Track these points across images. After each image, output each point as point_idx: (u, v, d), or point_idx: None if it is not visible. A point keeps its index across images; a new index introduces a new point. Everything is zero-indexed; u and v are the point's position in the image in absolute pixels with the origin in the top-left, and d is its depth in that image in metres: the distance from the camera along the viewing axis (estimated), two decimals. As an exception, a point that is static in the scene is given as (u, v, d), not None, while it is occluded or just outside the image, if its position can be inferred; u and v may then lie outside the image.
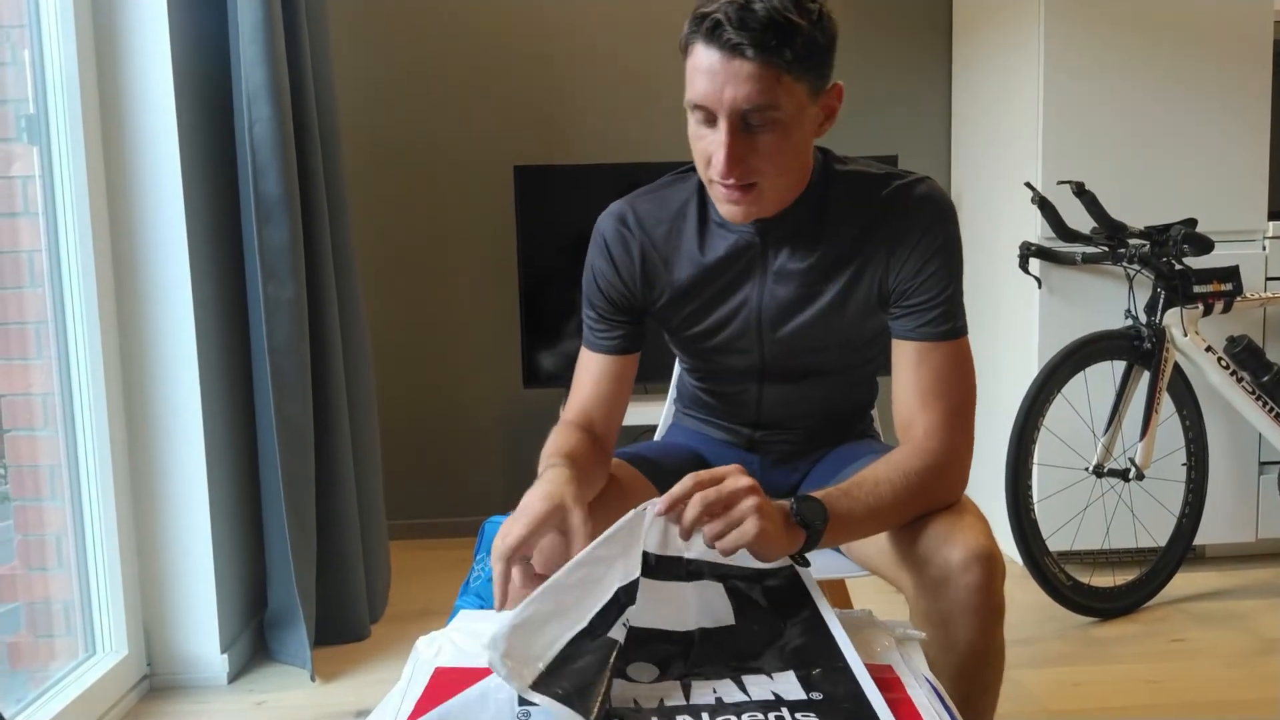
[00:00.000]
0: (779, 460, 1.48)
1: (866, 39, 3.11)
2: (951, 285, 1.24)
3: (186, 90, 2.06)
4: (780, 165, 1.16)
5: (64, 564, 2.05)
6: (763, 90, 1.10)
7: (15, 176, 1.96)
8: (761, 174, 1.16)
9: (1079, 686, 2.08)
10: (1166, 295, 2.39)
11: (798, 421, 1.45)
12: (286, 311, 2.12)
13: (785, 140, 1.15)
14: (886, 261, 1.25)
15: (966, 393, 1.25)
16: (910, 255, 1.23)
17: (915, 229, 1.22)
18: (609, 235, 1.33)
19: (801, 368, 1.37)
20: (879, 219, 1.24)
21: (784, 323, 1.31)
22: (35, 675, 2.01)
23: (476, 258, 3.09)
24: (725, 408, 1.47)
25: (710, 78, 1.11)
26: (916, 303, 1.24)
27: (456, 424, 3.17)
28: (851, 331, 1.31)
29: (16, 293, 1.97)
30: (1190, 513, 2.55)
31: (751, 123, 1.12)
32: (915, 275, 1.23)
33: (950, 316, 1.24)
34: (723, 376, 1.42)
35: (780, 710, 0.90)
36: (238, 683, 2.16)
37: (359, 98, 2.94)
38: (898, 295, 1.25)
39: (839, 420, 1.49)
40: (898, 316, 1.26)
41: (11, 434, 2.00)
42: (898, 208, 1.24)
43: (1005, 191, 2.76)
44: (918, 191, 1.24)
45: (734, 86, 1.09)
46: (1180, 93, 2.59)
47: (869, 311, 1.29)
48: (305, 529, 2.19)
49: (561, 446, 1.25)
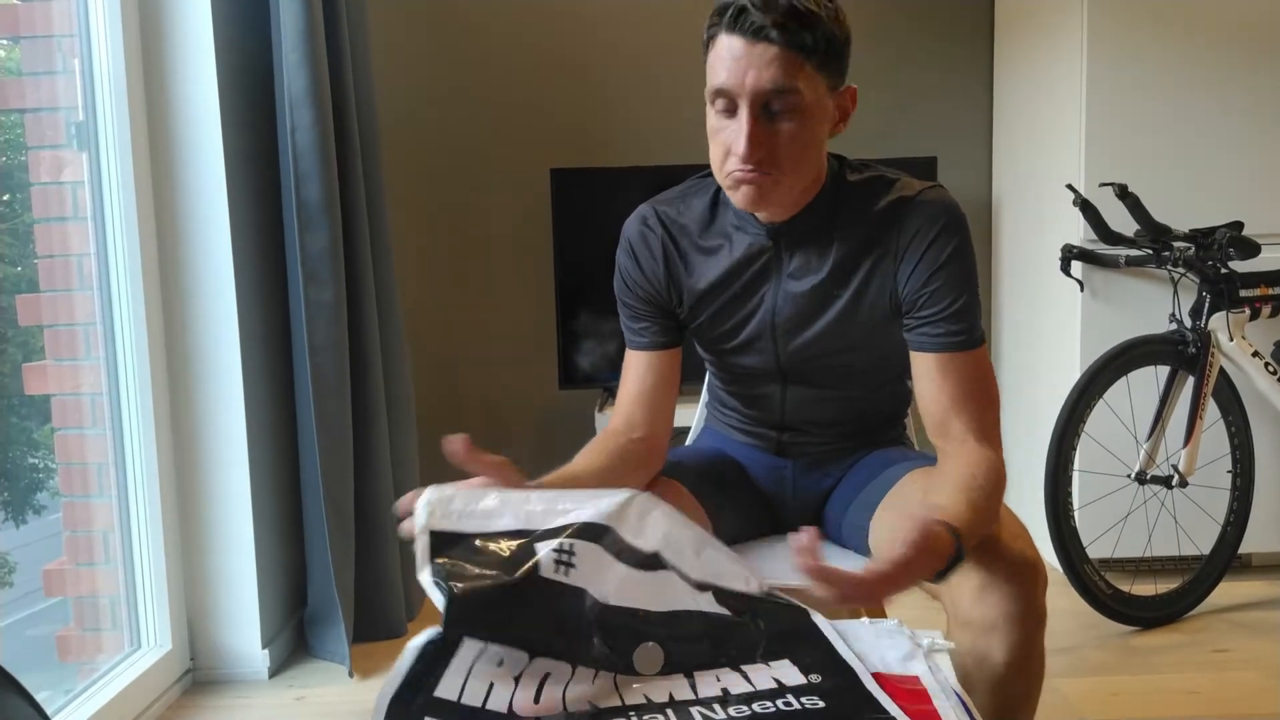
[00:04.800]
0: (810, 465, 1.47)
1: (907, 40, 3.08)
2: (965, 294, 1.23)
3: (230, 97, 2.10)
4: (797, 157, 1.17)
5: (111, 560, 2.10)
6: (785, 74, 1.11)
7: (66, 182, 2.01)
8: (779, 164, 1.16)
9: (1117, 696, 2.05)
10: (1212, 299, 2.34)
11: (825, 426, 1.44)
12: (327, 314, 2.15)
13: (803, 130, 1.15)
14: (895, 271, 1.24)
15: (995, 398, 1.26)
16: (918, 265, 1.22)
17: (922, 239, 1.22)
18: (633, 236, 1.36)
19: (820, 372, 1.36)
20: (886, 228, 1.24)
21: (798, 331, 1.31)
22: (83, 668, 2.06)
23: (513, 259, 3.11)
24: (751, 410, 1.47)
25: (734, 63, 1.12)
26: (931, 313, 1.23)
27: (492, 424, 3.19)
28: (866, 340, 1.31)
29: (66, 295, 2.02)
30: (1235, 521, 2.50)
31: (773, 108, 1.14)
32: (925, 285, 1.23)
33: (967, 326, 1.23)
34: (745, 379, 1.42)
35: (786, 696, 0.91)
36: (278, 678, 2.21)
37: (398, 103, 2.97)
38: (910, 305, 1.25)
39: (868, 427, 1.47)
40: (913, 328, 1.25)
41: (61, 432, 2.06)
42: (904, 217, 1.23)
43: (1047, 193, 2.72)
44: (924, 199, 1.23)
45: (757, 70, 1.11)
46: (1226, 92, 2.54)
47: (882, 321, 1.28)
48: (344, 527, 2.23)
49: (565, 470, 1.23)
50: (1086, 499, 2.46)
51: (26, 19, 2.00)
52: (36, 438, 2.19)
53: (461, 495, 1.03)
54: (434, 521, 0.99)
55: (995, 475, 1.17)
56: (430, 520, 0.99)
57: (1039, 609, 1.16)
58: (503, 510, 1.01)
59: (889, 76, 3.06)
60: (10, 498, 2.17)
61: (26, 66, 2.01)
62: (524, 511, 1.01)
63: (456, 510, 1.01)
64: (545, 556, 0.95)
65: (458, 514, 1.00)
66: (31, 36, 1.99)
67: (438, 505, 1.01)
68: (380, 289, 2.40)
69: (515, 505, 1.02)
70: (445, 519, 0.99)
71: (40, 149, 2.00)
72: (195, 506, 2.15)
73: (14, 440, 2.17)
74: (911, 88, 3.09)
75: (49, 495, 2.20)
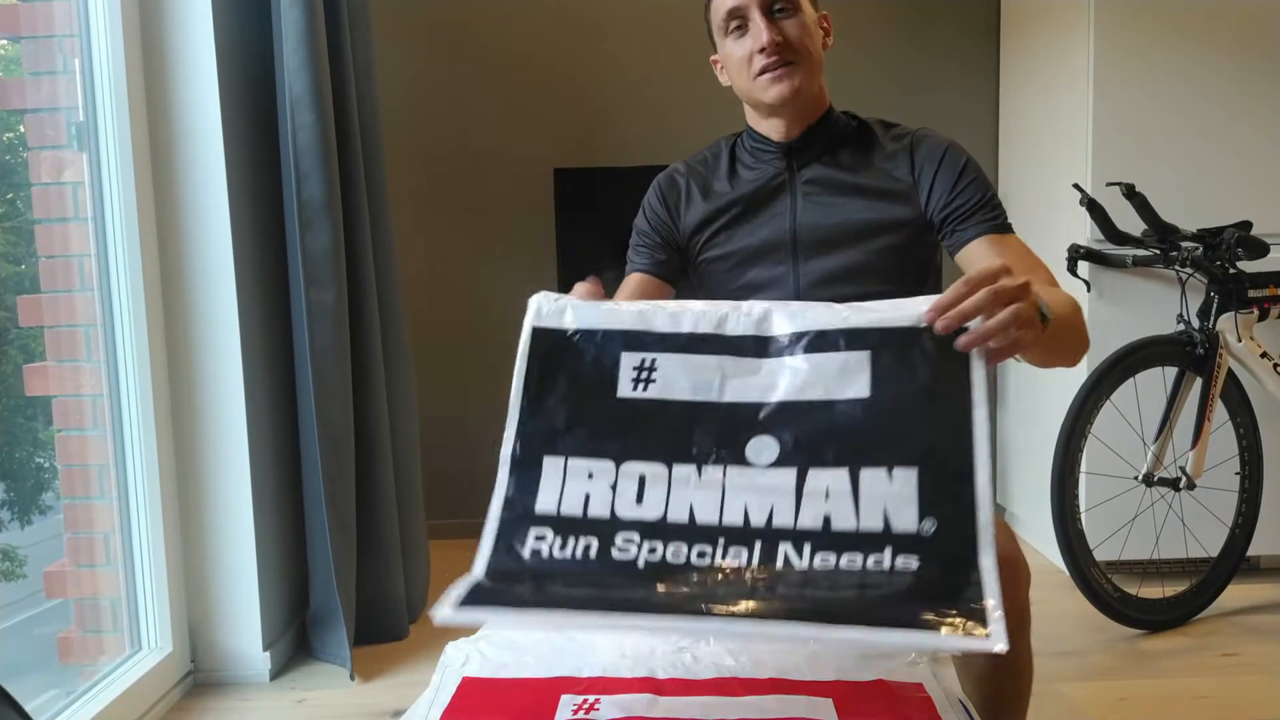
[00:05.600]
0: None
1: (912, 38, 3.06)
2: (990, 188, 1.38)
3: (231, 97, 2.09)
4: (807, 45, 1.36)
5: (112, 561, 2.09)
6: None
7: (66, 183, 2.00)
8: (796, 50, 1.34)
9: (1125, 701, 2.03)
10: (1220, 299, 2.32)
11: None
12: (328, 315, 2.14)
13: (804, 24, 1.35)
14: (918, 197, 1.37)
15: (1047, 270, 1.31)
16: (939, 174, 1.36)
17: (935, 155, 1.37)
18: (662, 180, 1.51)
19: (833, 296, 1.36)
20: (900, 155, 1.39)
21: (816, 234, 1.39)
22: (84, 670, 2.06)
23: (516, 259, 3.10)
24: None
25: None
26: (967, 207, 1.35)
27: (496, 425, 3.17)
28: (877, 246, 1.37)
29: (67, 296, 2.02)
30: (1244, 523, 2.47)
31: (776, 8, 1.34)
32: (954, 188, 1.35)
33: (1002, 213, 1.36)
34: None
35: (882, 552, 0.86)
36: (279, 680, 2.20)
37: (400, 103, 2.97)
38: (946, 212, 1.35)
39: None
40: (954, 228, 1.35)
41: (62, 434, 2.05)
42: (915, 144, 1.39)
43: (1054, 193, 2.70)
44: (922, 134, 1.41)
45: None
46: (1234, 92, 2.52)
47: (898, 238, 1.37)
48: (346, 529, 2.22)
49: None
50: (1093, 501, 2.44)
51: (28, 19, 1.99)
52: (42, 438, 2.19)
53: (568, 298, 1.08)
54: (538, 320, 1.06)
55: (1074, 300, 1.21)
56: (535, 319, 1.06)
57: (1022, 608, 1.17)
58: (610, 312, 1.05)
59: (893, 74, 3.04)
60: (16, 498, 2.17)
61: (27, 66, 2.00)
62: (631, 312, 1.05)
63: (561, 307, 1.06)
64: (623, 376, 1.00)
65: (561, 310, 1.06)
66: (33, 36, 1.98)
67: (544, 303, 1.07)
68: (382, 290, 2.39)
69: (621, 311, 1.05)
70: (549, 317, 1.05)
71: (41, 149, 1.99)
72: (196, 508, 2.14)
73: (19, 440, 2.17)
74: (917, 86, 3.07)
75: (55, 495, 2.20)
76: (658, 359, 1.01)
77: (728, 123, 1.53)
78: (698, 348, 1.01)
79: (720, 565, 0.88)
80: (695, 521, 0.92)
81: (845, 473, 0.91)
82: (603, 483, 0.96)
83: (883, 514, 0.89)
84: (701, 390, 0.99)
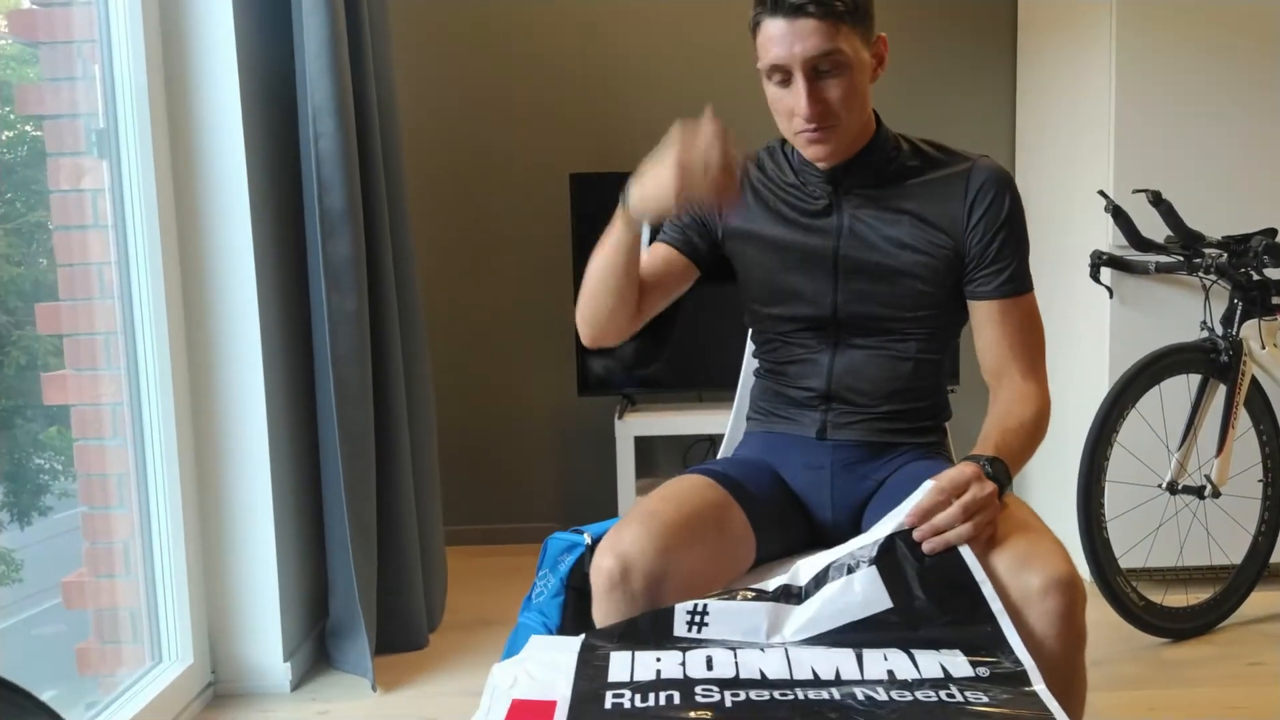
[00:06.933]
0: (850, 459, 1.46)
1: (926, 41, 3.05)
2: (1023, 247, 1.41)
3: (253, 105, 2.08)
4: (850, 105, 1.33)
5: (131, 572, 2.07)
6: (826, 39, 1.28)
7: (86, 190, 1.98)
8: (836, 115, 1.32)
9: (1154, 711, 2.02)
10: (1244, 307, 2.31)
11: (869, 396, 1.45)
12: (350, 322, 2.12)
13: (851, 82, 1.31)
14: (964, 225, 1.39)
15: (1043, 340, 1.44)
16: (984, 219, 1.38)
17: (985, 196, 1.38)
18: None
19: (871, 317, 1.43)
20: (951, 184, 1.39)
21: (858, 253, 1.40)
22: (103, 681, 2.04)
23: (533, 266, 3.09)
24: (798, 385, 1.48)
25: (781, 41, 1.28)
26: (996, 267, 1.39)
27: (512, 431, 3.17)
28: (918, 273, 1.40)
29: (87, 304, 2.00)
30: (1267, 530, 2.47)
31: (821, 69, 1.29)
32: (993, 239, 1.38)
33: (1023, 273, 1.41)
34: (795, 338, 1.47)
35: (950, 688, 0.95)
36: (300, 691, 2.18)
37: (419, 110, 2.95)
38: (976, 258, 1.39)
39: (909, 411, 1.47)
40: (977, 278, 1.40)
41: (81, 443, 2.03)
42: (970, 177, 1.39)
43: (1074, 199, 2.69)
44: (985, 164, 1.41)
45: (802, 42, 1.28)
46: (1260, 96, 2.51)
47: (938, 264, 1.39)
48: (367, 538, 2.20)
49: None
50: (1118, 509, 2.43)
51: (46, 24, 1.97)
52: (42, 439, 2.17)
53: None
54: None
55: (1036, 405, 1.37)
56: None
57: (1079, 627, 1.17)
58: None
59: (907, 79, 3.03)
60: (16, 500, 2.15)
61: (46, 72, 1.98)
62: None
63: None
64: (678, 619, 1.09)
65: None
66: (51, 42, 1.96)
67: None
68: (402, 297, 2.37)
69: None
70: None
71: (60, 155, 1.97)
72: (216, 518, 2.12)
73: (19, 443, 2.15)
74: (931, 88, 3.06)
75: (55, 498, 2.19)
76: (709, 604, 1.12)
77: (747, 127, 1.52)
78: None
79: (805, 699, 0.94)
80: (767, 678, 0.99)
81: (897, 650, 1.05)
82: (671, 661, 1.03)
83: (940, 667, 1.02)
84: (751, 634, 1.11)
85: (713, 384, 2.81)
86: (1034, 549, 1.18)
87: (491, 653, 2.28)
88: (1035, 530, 1.23)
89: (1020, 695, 0.94)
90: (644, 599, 1.22)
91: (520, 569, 2.35)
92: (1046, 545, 1.19)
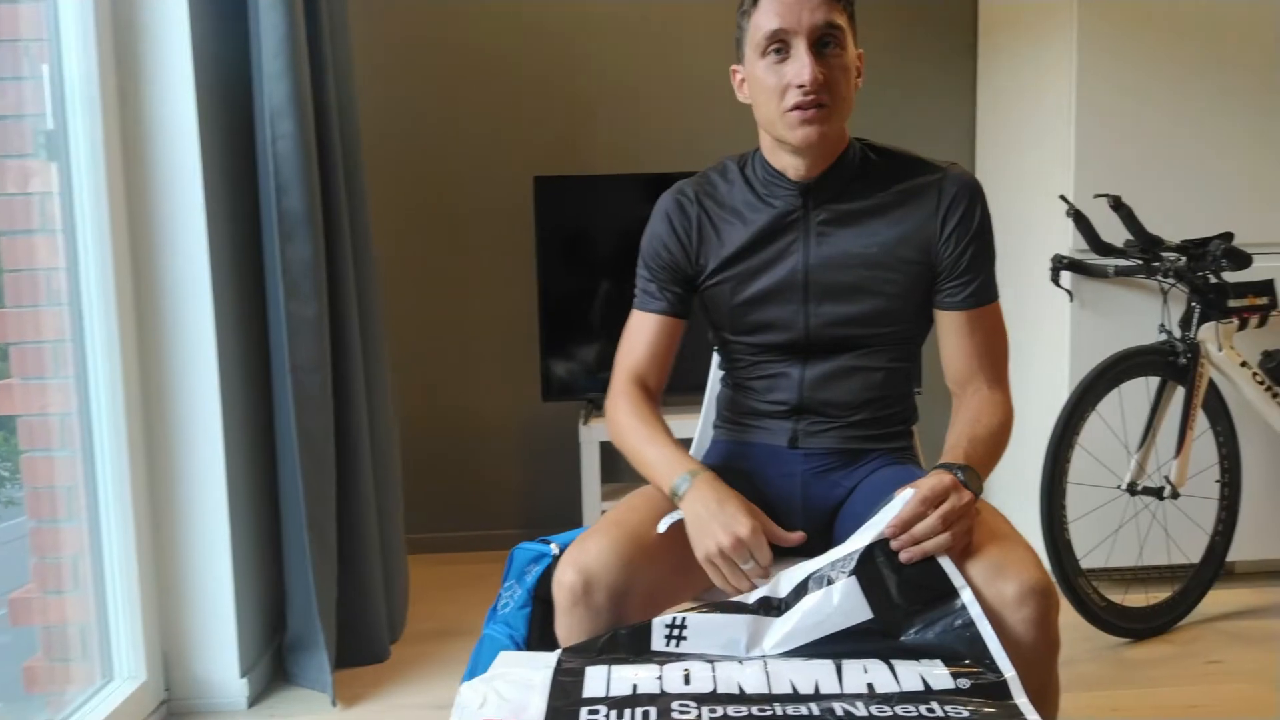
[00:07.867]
0: (822, 466, 1.46)
1: (887, 41, 3.07)
2: (992, 257, 1.42)
3: (208, 106, 2.03)
4: (844, 91, 1.33)
5: (81, 587, 2.01)
6: (830, 12, 1.30)
7: (33, 193, 1.92)
8: (833, 93, 1.31)
9: (1117, 712, 2.04)
10: (1202, 310, 2.34)
11: (841, 408, 1.44)
12: (309, 329, 2.08)
13: (846, 65, 1.33)
14: (936, 235, 1.38)
15: (1007, 348, 1.46)
16: (956, 231, 1.38)
17: (958, 207, 1.38)
18: (670, 206, 1.46)
19: (842, 337, 1.42)
20: (923, 194, 1.39)
21: (827, 275, 1.39)
22: (52, 700, 1.97)
23: (496, 270, 3.06)
24: (769, 397, 1.46)
25: (785, 8, 1.29)
26: (965, 279, 1.39)
27: (475, 437, 3.13)
28: (888, 291, 1.40)
29: (34, 311, 1.93)
30: (1224, 530, 2.50)
31: (824, 43, 1.30)
32: (963, 250, 1.38)
33: (991, 285, 1.42)
34: (766, 353, 1.45)
35: (930, 702, 0.94)
36: (257, 707, 2.13)
37: (380, 112, 2.91)
38: (946, 268, 1.40)
39: (879, 418, 1.47)
40: (945, 288, 1.40)
41: (29, 454, 1.97)
42: (942, 186, 1.39)
43: (1034, 203, 2.72)
44: (956, 172, 1.41)
45: (809, 11, 1.29)
46: (1221, 102, 2.54)
47: (907, 276, 1.39)
48: (326, 550, 2.15)
49: (659, 425, 1.43)
50: (1079, 510, 2.45)
51: (-11, 21, 1.91)
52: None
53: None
54: None
55: (1002, 413, 1.39)
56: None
57: (1053, 635, 1.17)
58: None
59: (868, 82, 3.04)
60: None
61: (-10, 71, 1.91)
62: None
63: None
64: (656, 632, 1.08)
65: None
66: (-5, 40, 1.90)
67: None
68: (363, 302, 2.33)
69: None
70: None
71: (6, 158, 1.91)
72: (169, 530, 2.07)
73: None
74: (891, 92, 3.07)
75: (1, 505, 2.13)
76: (688, 618, 1.12)
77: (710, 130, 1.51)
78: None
79: (784, 714, 0.93)
80: (745, 692, 0.98)
81: (877, 661, 1.04)
82: (648, 674, 1.01)
83: (920, 679, 1.00)
84: (730, 647, 1.10)
85: (678, 388, 2.78)
86: (1008, 557, 1.19)
87: (455, 664, 2.25)
88: (1008, 539, 1.24)
89: (1002, 708, 0.94)
90: (608, 613, 1.21)
91: (484, 577, 2.32)
92: (1020, 553, 1.20)
